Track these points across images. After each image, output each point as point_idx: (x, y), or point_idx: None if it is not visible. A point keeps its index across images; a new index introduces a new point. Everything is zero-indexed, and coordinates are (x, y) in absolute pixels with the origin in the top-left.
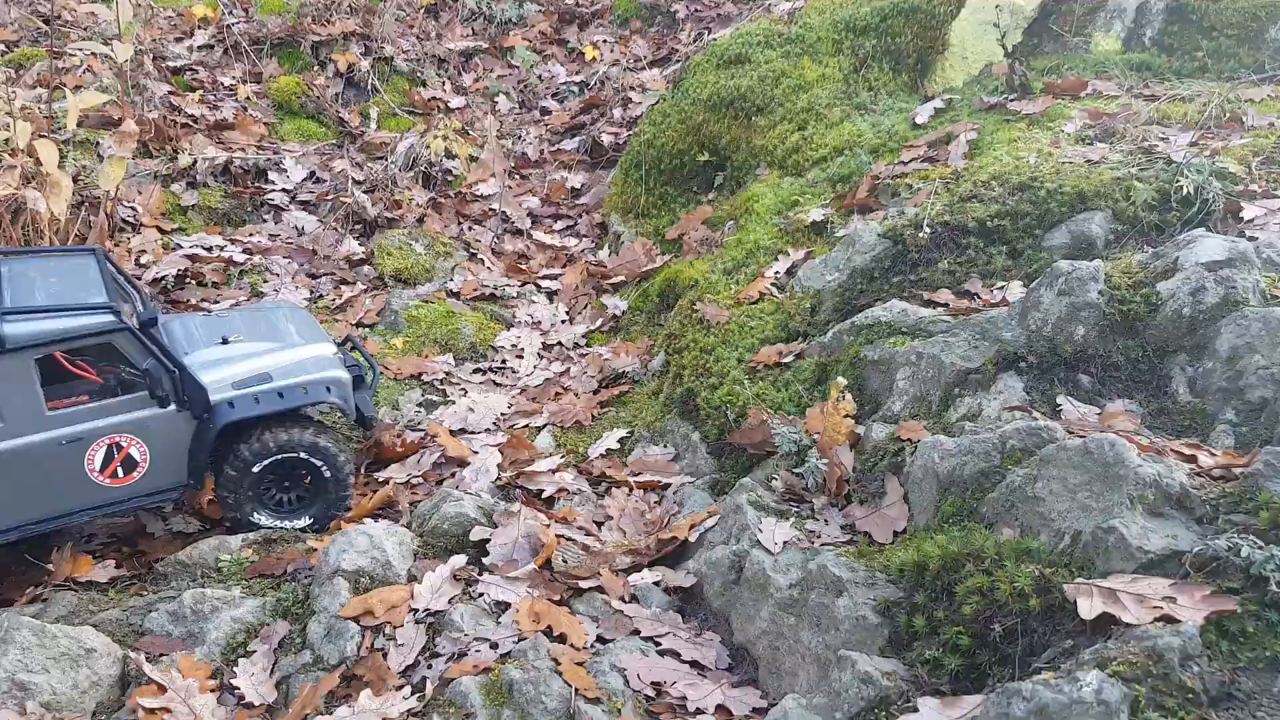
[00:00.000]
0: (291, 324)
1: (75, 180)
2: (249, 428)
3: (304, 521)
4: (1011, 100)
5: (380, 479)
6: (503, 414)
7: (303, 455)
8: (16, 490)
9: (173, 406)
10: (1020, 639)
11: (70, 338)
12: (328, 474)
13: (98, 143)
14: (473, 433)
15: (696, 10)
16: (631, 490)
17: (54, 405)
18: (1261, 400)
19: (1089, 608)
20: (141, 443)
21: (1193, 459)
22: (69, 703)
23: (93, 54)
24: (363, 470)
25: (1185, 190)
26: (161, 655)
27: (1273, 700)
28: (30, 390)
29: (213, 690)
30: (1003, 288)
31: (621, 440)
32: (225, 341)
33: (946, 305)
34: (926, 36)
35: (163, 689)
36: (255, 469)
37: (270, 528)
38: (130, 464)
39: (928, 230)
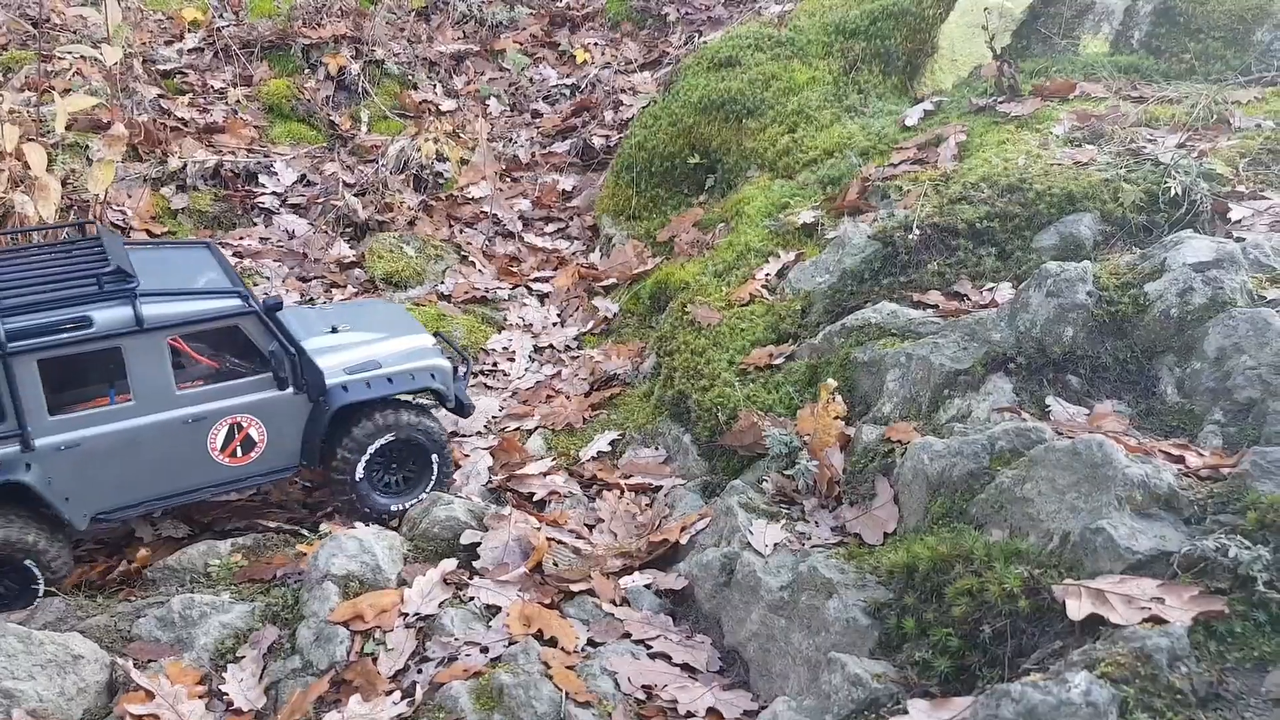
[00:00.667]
0: (389, 316)
1: (64, 184)
2: (358, 413)
3: (411, 501)
4: (1000, 102)
5: None
6: (494, 417)
7: (410, 437)
8: (144, 467)
9: (290, 389)
10: (1009, 640)
11: (202, 319)
12: (433, 453)
13: (87, 146)
14: (464, 435)
15: (687, 13)
16: (623, 493)
17: (181, 386)
18: (1249, 400)
19: (1077, 609)
20: (261, 423)
21: (1181, 459)
22: (56, 710)
23: (82, 57)
24: None
25: (1173, 191)
26: (150, 661)
27: (1260, 700)
28: (162, 369)
29: (201, 696)
30: (992, 289)
31: (613, 443)
32: (335, 330)
33: (936, 307)
34: (916, 39)
35: (151, 695)
36: (368, 451)
37: (379, 507)
38: (249, 444)
39: (917, 232)
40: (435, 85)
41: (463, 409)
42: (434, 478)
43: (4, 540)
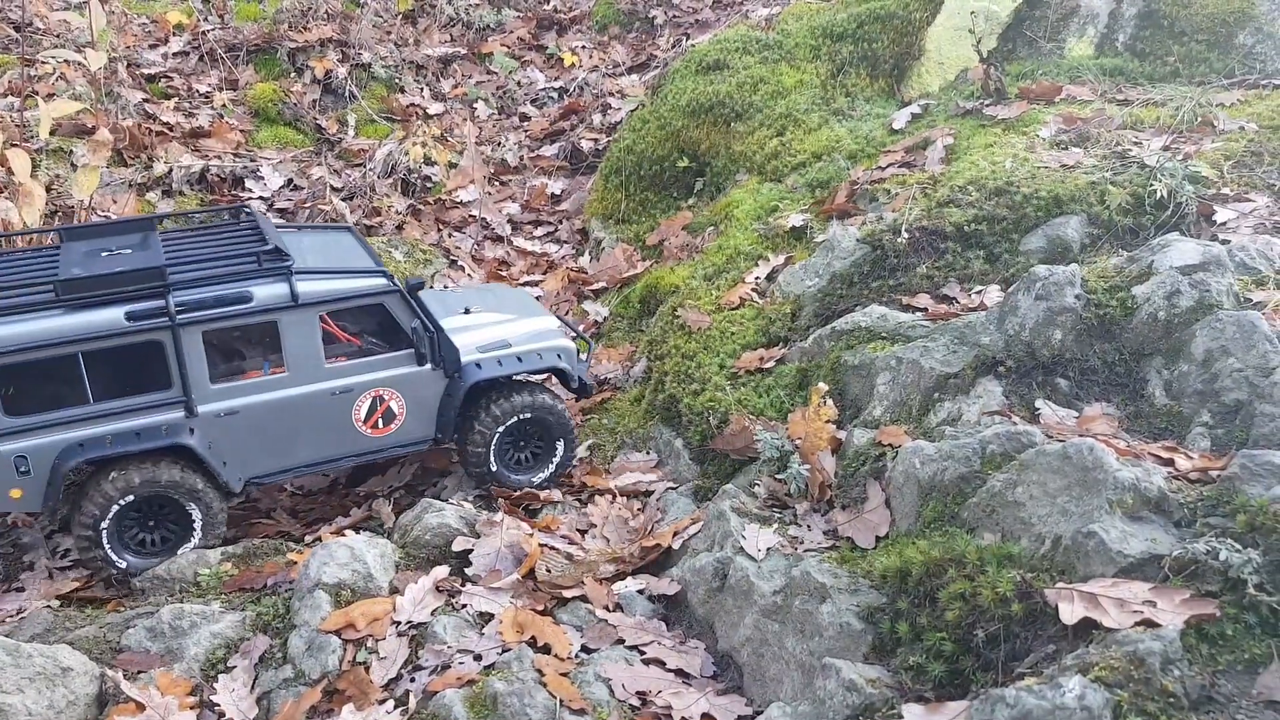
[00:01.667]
0: (518, 300)
1: (49, 189)
2: (491, 390)
3: (538, 478)
4: (987, 105)
5: (360, 492)
6: None
7: (540, 416)
8: (294, 435)
9: (429, 366)
10: (1003, 644)
11: (350, 296)
12: (559, 433)
13: (71, 151)
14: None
15: (675, 16)
16: (615, 498)
17: (329, 360)
18: (1236, 402)
19: (1070, 612)
20: (401, 397)
21: (1170, 462)
22: None
23: (66, 61)
24: (342, 482)
25: (1159, 194)
26: (140, 672)
27: (1252, 702)
28: (313, 343)
29: (192, 707)
30: (980, 292)
31: (591, 448)
32: (468, 311)
33: (925, 310)
34: (903, 42)
35: (141, 707)
36: (502, 428)
37: (510, 481)
38: (389, 416)
39: (906, 235)
40: (423, 88)
41: (585, 389)
42: (559, 457)
43: (172, 480)
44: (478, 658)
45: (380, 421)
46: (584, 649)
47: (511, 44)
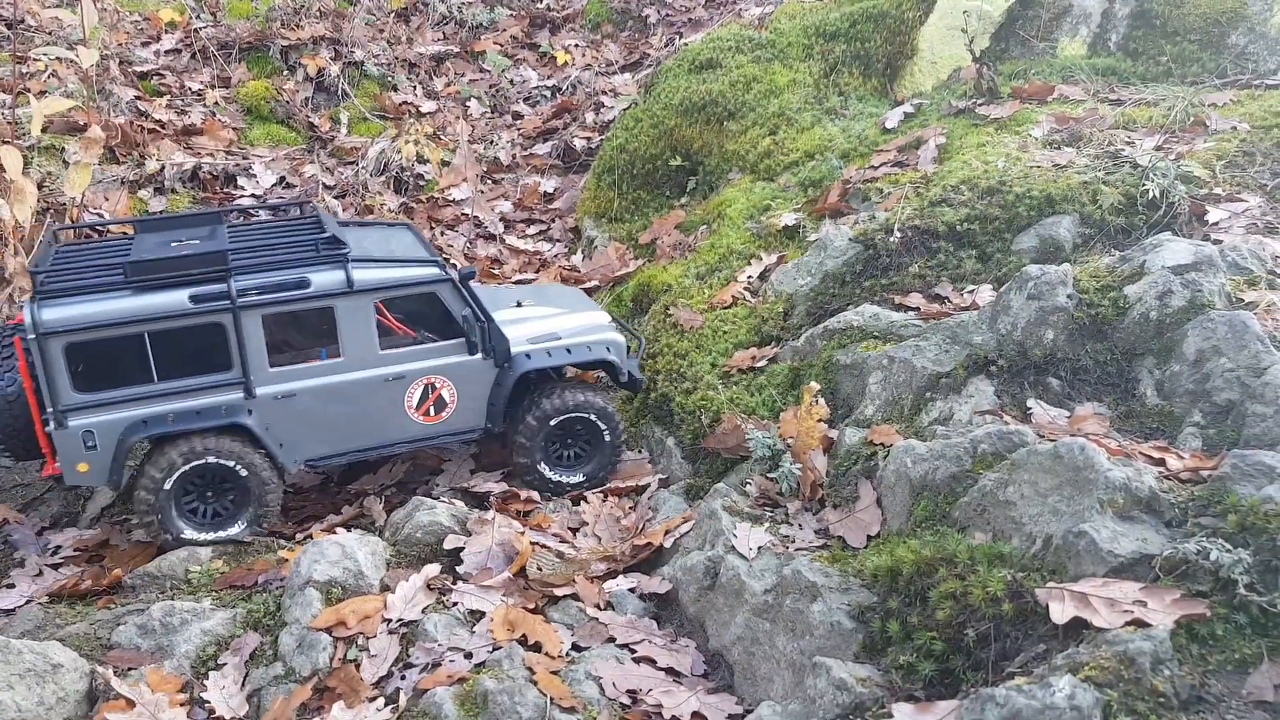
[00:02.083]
0: (569, 297)
1: (40, 187)
2: (540, 385)
3: (578, 478)
4: (980, 105)
5: (351, 490)
6: None
7: (590, 416)
8: (349, 420)
9: (480, 355)
10: (993, 644)
11: (404, 285)
12: (607, 436)
13: (63, 149)
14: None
15: (668, 15)
16: (606, 496)
17: (383, 347)
18: (1228, 402)
19: (1061, 612)
20: (452, 385)
21: (1161, 462)
22: (35, 719)
23: (57, 59)
24: (334, 480)
25: (1151, 194)
26: (130, 669)
27: (1242, 702)
28: (368, 329)
29: (183, 704)
30: (973, 291)
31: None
32: (519, 305)
33: (918, 309)
34: (895, 42)
35: (131, 704)
36: (552, 422)
37: (553, 480)
38: (441, 404)
39: (898, 234)
40: (415, 87)
41: (635, 384)
42: (606, 453)
43: (229, 450)
44: (468, 656)
45: (432, 409)
46: (575, 647)
47: (504, 42)
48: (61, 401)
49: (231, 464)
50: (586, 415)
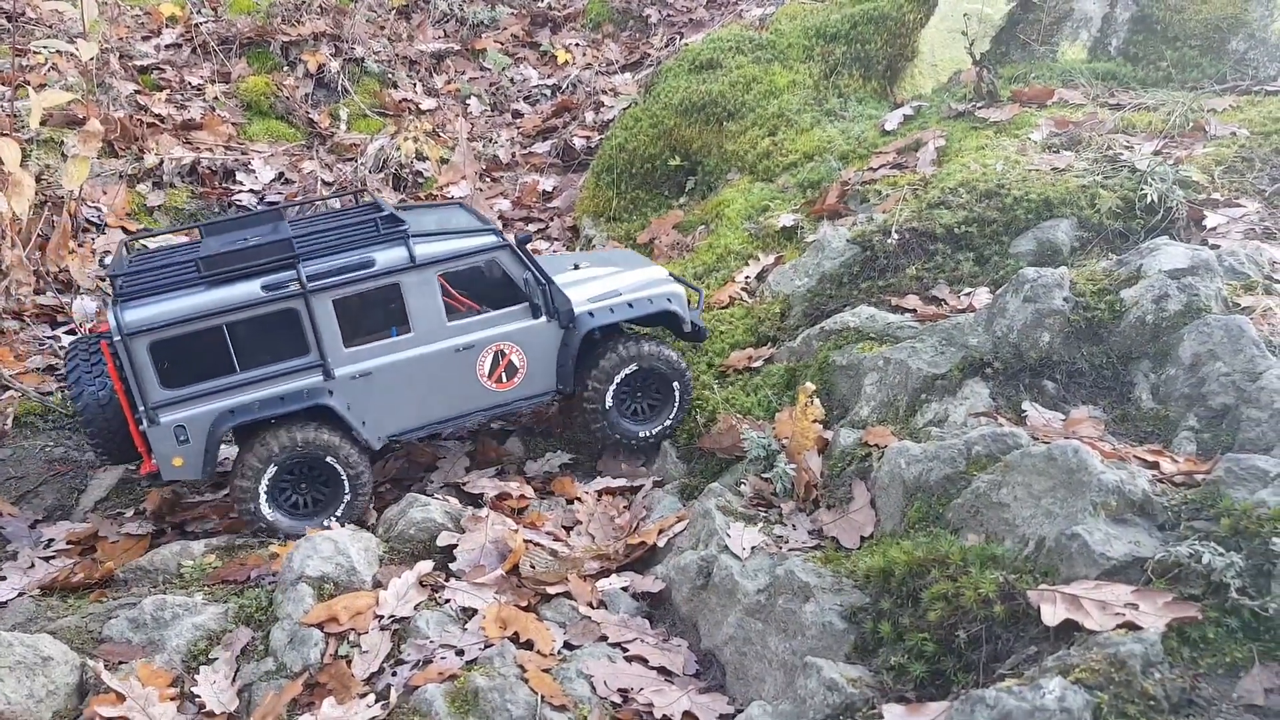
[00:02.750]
0: (625, 256)
1: (38, 180)
2: (607, 341)
3: (654, 430)
4: (979, 108)
5: None
6: None
7: (660, 368)
8: (424, 393)
9: (544, 318)
10: (985, 645)
11: (464, 254)
12: (677, 387)
13: (62, 142)
14: (442, 438)
15: (668, 15)
16: (600, 495)
17: (451, 320)
18: (1223, 407)
19: (1052, 614)
20: (520, 350)
21: (1155, 465)
22: (24, 712)
23: (57, 52)
24: None
25: (1149, 198)
26: (121, 663)
27: (1232, 706)
28: (434, 302)
29: (173, 698)
30: (970, 294)
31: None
32: (577, 267)
33: (914, 311)
34: (896, 44)
35: (121, 697)
36: (620, 374)
37: (628, 432)
38: (512, 370)
39: (896, 236)
40: (415, 84)
41: (699, 333)
42: (677, 404)
43: (307, 439)
44: (460, 653)
45: (504, 376)
46: (567, 645)
47: (505, 41)
48: (151, 399)
49: (325, 455)
50: (655, 367)
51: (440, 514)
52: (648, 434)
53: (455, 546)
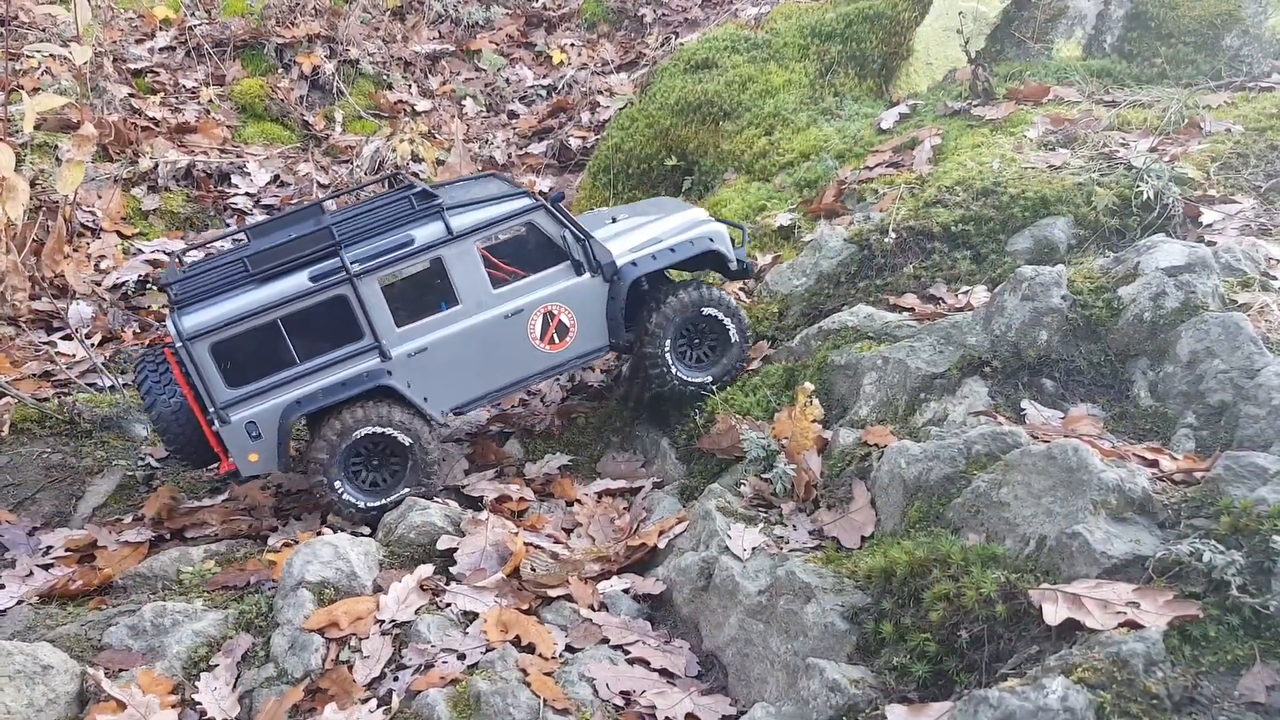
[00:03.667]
0: (661, 203)
1: (33, 184)
2: (658, 290)
3: (708, 377)
4: (975, 106)
5: None
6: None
7: (715, 313)
8: (480, 362)
9: (587, 274)
10: (987, 645)
11: (501, 220)
12: (734, 333)
13: (56, 146)
14: (441, 440)
15: (664, 15)
16: (600, 496)
17: (496, 285)
18: (1221, 404)
19: (1054, 613)
20: (569, 309)
21: (1155, 463)
22: None
23: (51, 56)
24: None
25: (1145, 195)
26: (121, 670)
27: (1234, 704)
28: (477, 272)
29: (174, 706)
30: (967, 292)
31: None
32: (614, 221)
33: (912, 310)
34: (891, 42)
35: (122, 705)
36: (676, 320)
37: (686, 382)
38: (563, 330)
39: (893, 235)
40: (410, 85)
41: (745, 271)
42: (734, 350)
43: (374, 417)
44: (461, 657)
45: (555, 336)
46: (568, 648)
47: (500, 41)
48: (219, 399)
49: (396, 433)
50: (711, 312)
51: (440, 517)
52: (705, 381)
53: (455, 550)
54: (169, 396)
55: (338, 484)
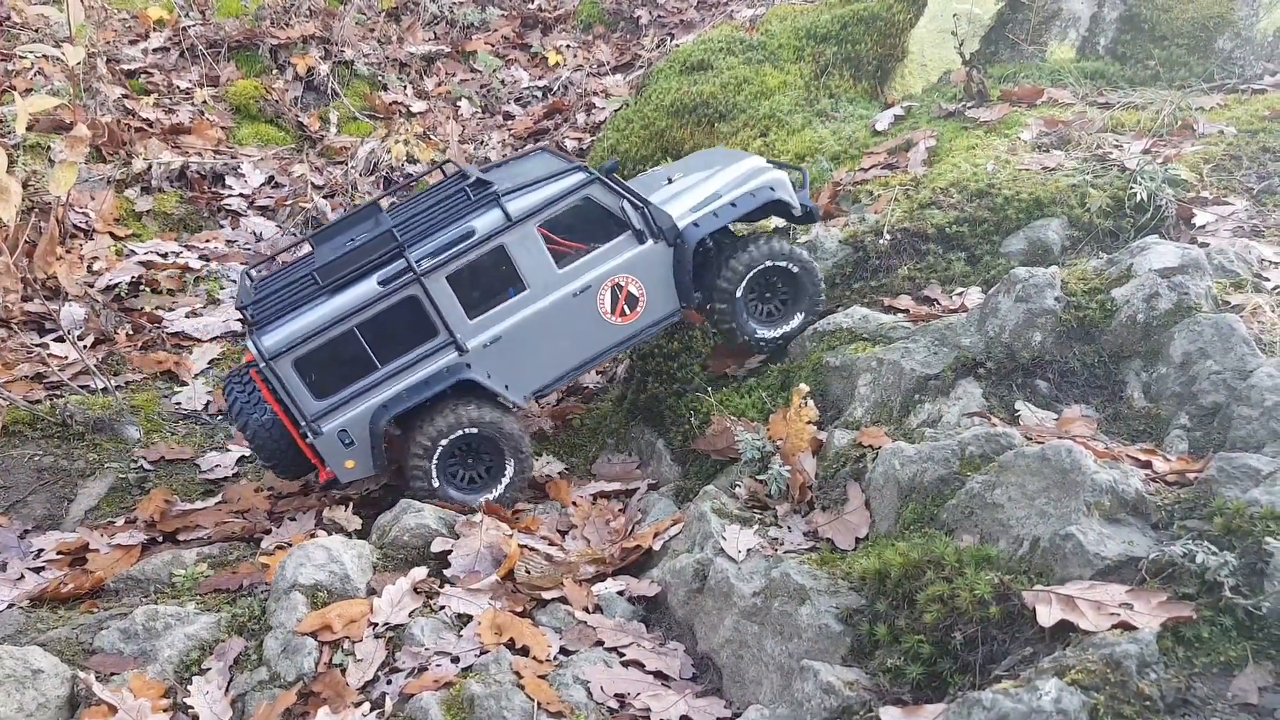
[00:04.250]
0: (714, 156)
1: (25, 186)
2: (735, 245)
3: (792, 326)
4: (970, 108)
5: (337, 495)
6: None
7: (784, 265)
8: (555, 343)
9: (650, 241)
10: (980, 647)
11: (557, 199)
12: (804, 278)
13: (49, 147)
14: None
15: (659, 16)
16: (596, 498)
17: (561, 264)
18: (1214, 405)
19: (1047, 615)
20: (635, 278)
21: (1148, 465)
22: None
23: (44, 56)
24: (314, 484)
25: (1139, 197)
26: (112, 674)
27: (1227, 705)
28: (541, 255)
29: (166, 710)
30: (961, 294)
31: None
32: (670, 181)
33: (907, 311)
34: (886, 44)
35: (113, 709)
36: (747, 277)
37: (762, 338)
38: (633, 300)
39: (888, 237)
40: (405, 86)
41: (811, 214)
42: (807, 303)
43: (477, 418)
44: (455, 660)
45: (626, 308)
46: (563, 651)
47: (495, 42)
48: (309, 412)
49: (485, 432)
50: (782, 264)
51: (434, 520)
52: (780, 335)
53: (449, 552)
54: (260, 414)
55: (436, 484)
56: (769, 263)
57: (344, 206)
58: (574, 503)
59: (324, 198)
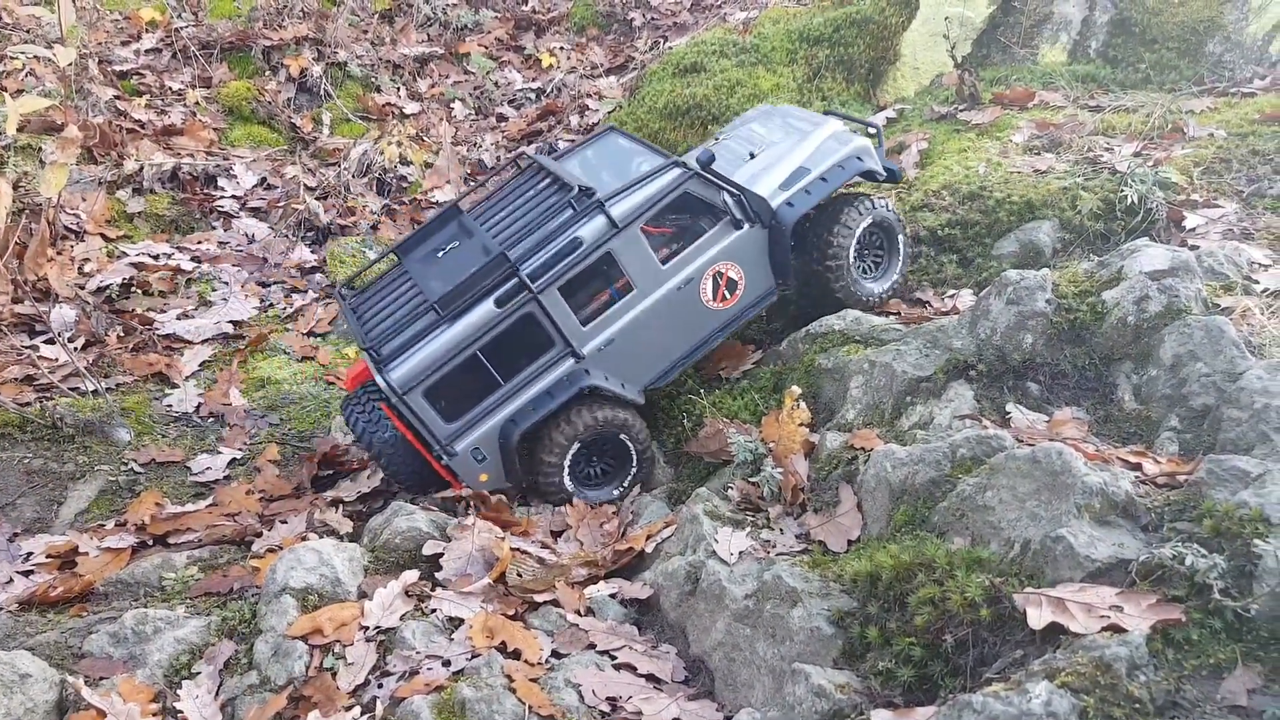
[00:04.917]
0: (786, 121)
1: (15, 187)
2: (840, 204)
3: (884, 286)
4: (961, 110)
5: (329, 497)
6: None
7: (887, 223)
8: (663, 338)
9: (746, 226)
10: (971, 649)
11: (658, 199)
12: (902, 242)
13: (40, 148)
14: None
15: (653, 19)
16: None
17: (663, 259)
18: (1204, 407)
19: (1038, 617)
20: (735, 264)
21: (1138, 467)
22: None
23: (35, 57)
24: (307, 486)
25: (1129, 200)
26: (101, 678)
27: (1216, 707)
28: (645, 254)
29: (155, 714)
30: (953, 296)
31: None
32: (753, 157)
33: (898, 314)
34: (878, 47)
35: (102, 714)
36: (856, 238)
37: (871, 293)
38: (732, 285)
39: None
40: (399, 88)
41: (893, 175)
42: (900, 258)
43: (607, 418)
44: (446, 663)
45: (726, 293)
46: (554, 654)
47: (489, 44)
48: (442, 437)
49: (611, 431)
50: (885, 223)
51: (426, 522)
52: (883, 290)
53: (441, 555)
54: (382, 431)
55: (571, 488)
56: (873, 223)
57: (336, 208)
58: (569, 503)
59: (317, 199)
